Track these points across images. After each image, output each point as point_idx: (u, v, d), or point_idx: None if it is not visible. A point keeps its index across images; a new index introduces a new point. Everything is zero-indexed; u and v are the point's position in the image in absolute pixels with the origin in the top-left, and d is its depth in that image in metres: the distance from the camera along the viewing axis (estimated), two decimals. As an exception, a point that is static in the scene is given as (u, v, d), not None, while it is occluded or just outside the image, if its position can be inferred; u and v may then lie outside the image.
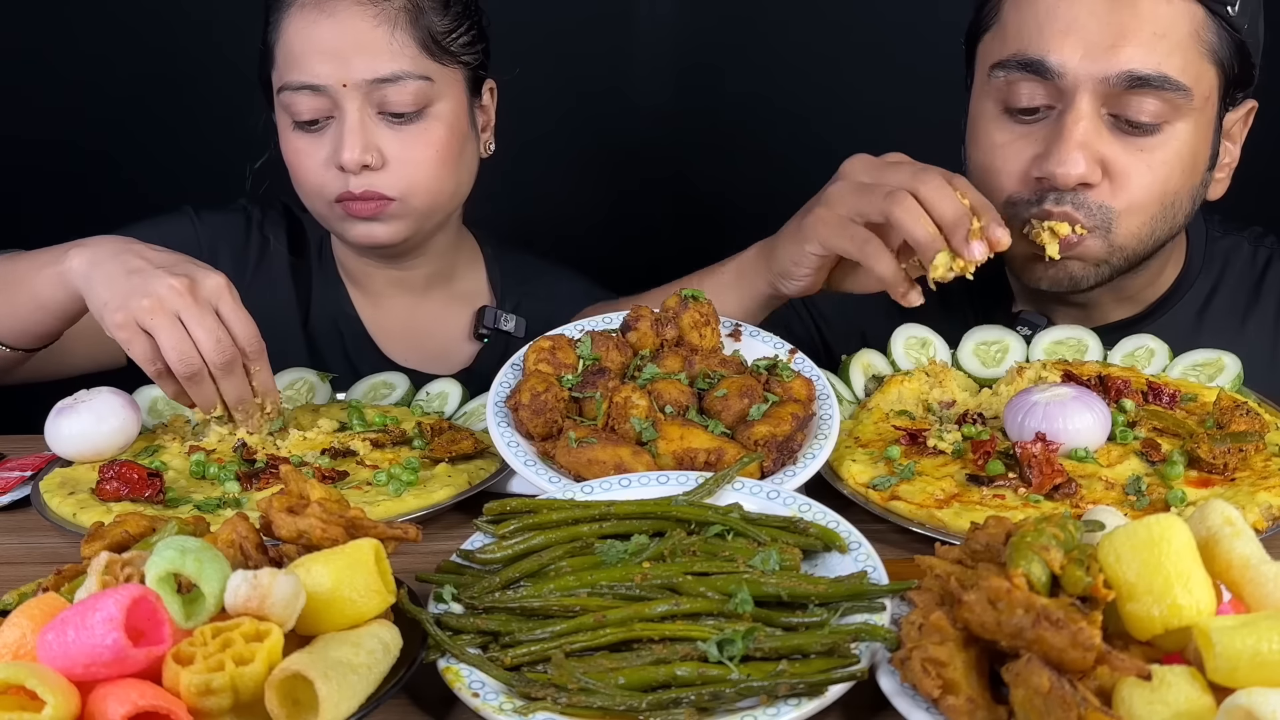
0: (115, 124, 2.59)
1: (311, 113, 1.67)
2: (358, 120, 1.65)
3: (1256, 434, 1.32)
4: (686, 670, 0.92)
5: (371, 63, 1.65)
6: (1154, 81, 1.42)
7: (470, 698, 0.93)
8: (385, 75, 1.65)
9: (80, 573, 1.01)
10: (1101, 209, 1.48)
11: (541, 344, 1.41)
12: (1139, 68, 1.41)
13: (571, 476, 1.27)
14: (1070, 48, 1.42)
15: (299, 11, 1.67)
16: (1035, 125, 1.49)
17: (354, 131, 1.65)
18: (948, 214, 1.32)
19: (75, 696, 0.82)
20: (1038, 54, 1.44)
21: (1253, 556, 0.89)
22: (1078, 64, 1.42)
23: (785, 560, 1.05)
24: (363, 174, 1.67)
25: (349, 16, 1.65)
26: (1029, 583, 0.87)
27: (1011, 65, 1.47)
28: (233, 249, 1.88)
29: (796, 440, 1.30)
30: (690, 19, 2.57)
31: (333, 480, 1.39)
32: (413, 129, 1.69)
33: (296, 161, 1.72)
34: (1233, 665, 0.80)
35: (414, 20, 1.67)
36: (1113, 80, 1.42)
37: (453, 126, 1.73)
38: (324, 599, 0.91)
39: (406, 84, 1.66)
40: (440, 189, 1.74)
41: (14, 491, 1.43)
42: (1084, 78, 1.42)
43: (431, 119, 1.70)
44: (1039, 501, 1.24)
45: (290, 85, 1.67)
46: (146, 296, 1.35)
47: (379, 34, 1.65)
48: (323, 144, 1.69)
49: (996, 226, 1.33)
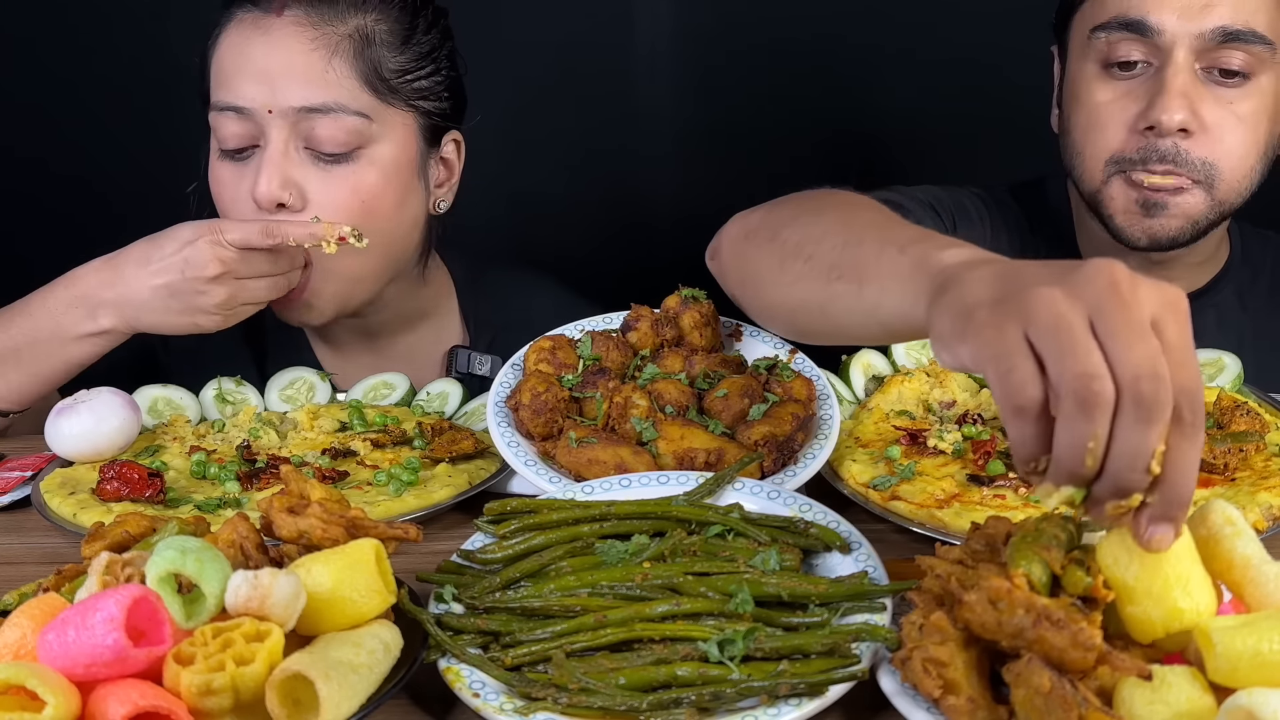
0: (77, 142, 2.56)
1: (236, 140, 1.54)
2: (280, 151, 1.51)
3: (1257, 434, 1.32)
4: (687, 670, 0.92)
5: (302, 89, 1.50)
6: (1244, 36, 1.54)
7: (471, 698, 0.93)
8: (315, 105, 1.50)
9: (81, 573, 1.01)
10: (1205, 164, 1.57)
11: (542, 344, 1.41)
12: (1230, 23, 1.54)
13: (572, 476, 1.27)
14: (1168, 7, 1.55)
15: (236, 27, 1.55)
16: (1136, 82, 1.60)
17: (273, 162, 1.50)
18: (1122, 466, 0.83)
19: (76, 696, 0.82)
20: (1138, 14, 1.56)
21: (1253, 556, 0.89)
22: (1175, 23, 1.54)
23: (785, 560, 1.05)
24: (278, 214, 1.52)
25: (284, 37, 1.52)
26: (1029, 583, 0.87)
27: (1113, 26, 1.58)
28: None
29: (796, 440, 1.30)
30: (690, 22, 2.57)
31: (333, 480, 1.39)
32: (340, 170, 1.53)
33: (218, 193, 1.58)
34: (1233, 665, 0.80)
35: (358, 51, 1.53)
36: (1207, 36, 1.54)
37: (388, 175, 1.56)
38: (324, 599, 0.91)
39: (340, 118, 1.51)
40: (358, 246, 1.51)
41: (14, 491, 1.43)
42: (1181, 34, 1.54)
43: (364, 162, 1.54)
44: (1039, 501, 1.24)
45: (217, 105, 1.55)
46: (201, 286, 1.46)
47: (314, 59, 1.51)
48: (245, 176, 1.54)
49: (1161, 524, 0.86)
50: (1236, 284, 1.80)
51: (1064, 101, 1.71)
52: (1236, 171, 1.59)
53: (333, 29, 1.54)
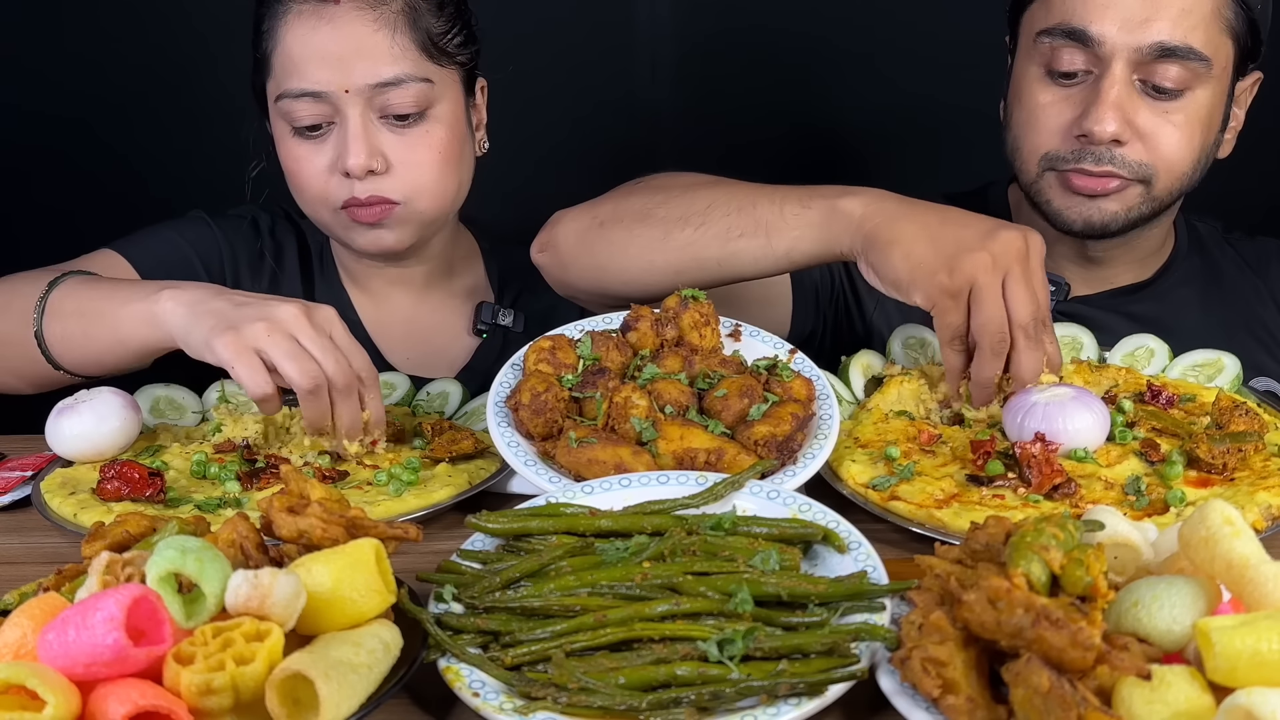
0: (107, 131, 2.58)
1: (312, 119, 1.66)
2: (360, 126, 1.65)
3: (1256, 434, 1.32)
4: (687, 670, 0.92)
5: (374, 67, 1.64)
6: (1180, 52, 1.57)
7: (470, 697, 0.93)
8: (388, 79, 1.64)
9: (81, 572, 1.01)
10: (1141, 165, 1.62)
11: (541, 344, 1.41)
12: (1168, 39, 1.57)
13: (571, 476, 1.27)
14: (1110, 20, 1.58)
15: (297, 19, 1.65)
16: (1074, 89, 1.63)
17: (358, 137, 1.64)
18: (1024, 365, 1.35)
19: (76, 696, 0.82)
20: (1081, 24, 1.59)
21: (1252, 556, 0.89)
22: (1115, 34, 1.57)
23: (785, 560, 1.05)
24: (367, 179, 1.67)
25: (348, 22, 1.64)
26: (1029, 582, 0.87)
27: (1056, 33, 1.62)
28: (248, 255, 1.87)
29: (796, 440, 1.30)
30: (689, 18, 2.58)
31: (333, 480, 1.39)
32: (415, 131, 1.69)
33: (297, 169, 1.71)
34: (1232, 665, 0.80)
35: (412, 23, 1.67)
36: (1145, 50, 1.57)
37: (453, 127, 1.73)
38: (324, 599, 0.92)
39: (408, 87, 1.66)
40: (444, 190, 1.74)
41: (14, 491, 1.43)
42: (1120, 47, 1.57)
43: (433, 121, 1.70)
44: (1039, 501, 1.24)
45: (290, 93, 1.66)
46: (262, 320, 1.36)
47: (379, 38, 1.65)
48: (323, 151, 1.68)
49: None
50: (1184, 273, 1.84)
51: (1009, 97, 1.74)
52: (1172, 173, 1.64)
53: (387, 7, 1.66)
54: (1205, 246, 1.88)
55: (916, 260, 1.34)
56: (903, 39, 2.53)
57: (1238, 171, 1.80)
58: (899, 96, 2.55)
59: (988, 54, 1.91)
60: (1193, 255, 1.86)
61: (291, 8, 1.66)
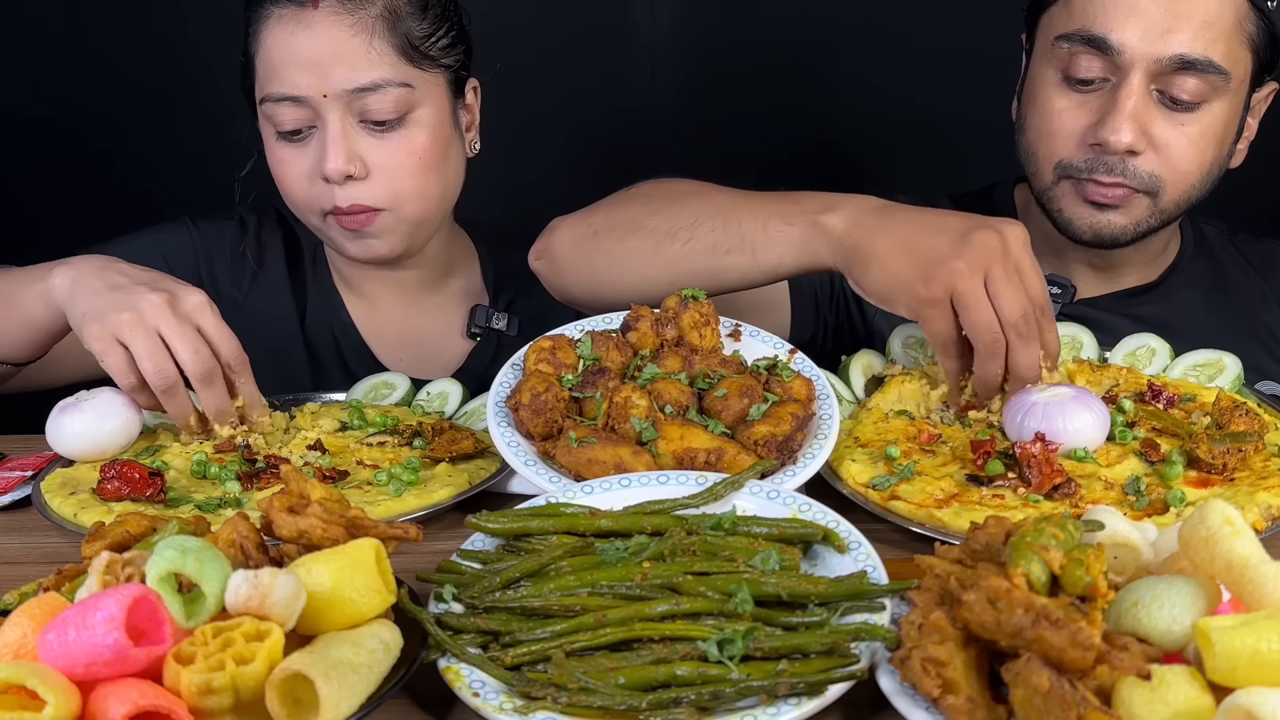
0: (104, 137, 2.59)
1: (294, 123, 1.67)
2: (339, 130, 1.65)
3: (1256, 434, 1.32)
4: (686, 670, 0.92)
5: (351, 72, 1.64)
6: (1200, 65, 1.56)
7: (470, 697, 0.93)
8: (365, 84, 1.64)
9: (81, 572, 1.01)
10: (1151, 176, 1.62)
11: (542, 344, 1.41)
12: (1188, 52, 1.55)
13: (571, 476, 1.27)
14: (1131, 29, 1.56)
15: (277, 23, 1.66)
16: (1091, 95, 1.62)
17: (336, 142, 1.64)
18: (1021, 363, 1.34)
19: (76, 696, 0.82)
20: (1101, 31, 1.57)
21: (1252, 556, 0.89)
22: (1136, 44, 1.56)
23: (785, 560, 1.05)
24: (347, 185, 1.67)
25: (326, 27, 1.64)
26: (1029, 582, 0.87)
27: (1075, 39, 1.60)
28: (229, 257, 1.88)
29: (796, 440, 1.30)
30: (689, 25, 2.58)
31: (333, 480, 1.39)
32: (395, 136, 1.68)
33: (281, 173, 1.72)
34: (1232, 665, 0.80)
35: (391, 27, 1.66)
36: (1164, 61, 1.56)
37: (435, 131, 1.72)
38: (324, 599, 0.92)
39: (387, 92, 1.65)
40: (426, 194, 1.73)
41: (15, 491, 1.43)
42: (1140, 57, 1.56)
43: (413, 125, 1.69)
44: (1038, 501, 1.24)
45: (271, 97, 1.67)
46: (126, 310, 1.39)
47: (357, 43, 1.64)
48: (306, 154, 1.69)
49: None
50: (1190, 275, 1.84)
51: (1023, 98, 1.73)
52: (1180, 186, 1.64)
53: (365, 12, 1.66)
54: (1211, 249, 1.88)
55: (893, 274, 1.34)
56: (901, 47, 2.54)
57: (1244, 179, 1.79)
58: (897, 104, 2.56)
59: (987, 63, 1.92)
60: (1198, 257, 1.86)
61: (272, 12, 1.67)
